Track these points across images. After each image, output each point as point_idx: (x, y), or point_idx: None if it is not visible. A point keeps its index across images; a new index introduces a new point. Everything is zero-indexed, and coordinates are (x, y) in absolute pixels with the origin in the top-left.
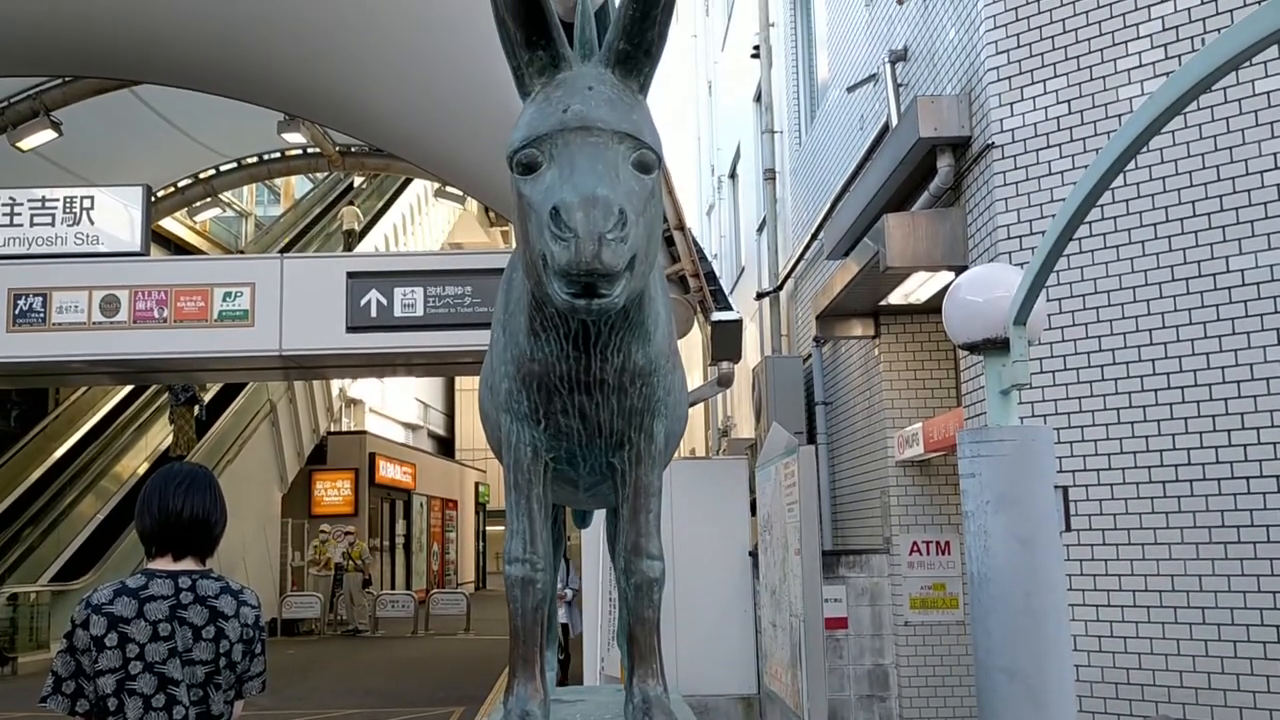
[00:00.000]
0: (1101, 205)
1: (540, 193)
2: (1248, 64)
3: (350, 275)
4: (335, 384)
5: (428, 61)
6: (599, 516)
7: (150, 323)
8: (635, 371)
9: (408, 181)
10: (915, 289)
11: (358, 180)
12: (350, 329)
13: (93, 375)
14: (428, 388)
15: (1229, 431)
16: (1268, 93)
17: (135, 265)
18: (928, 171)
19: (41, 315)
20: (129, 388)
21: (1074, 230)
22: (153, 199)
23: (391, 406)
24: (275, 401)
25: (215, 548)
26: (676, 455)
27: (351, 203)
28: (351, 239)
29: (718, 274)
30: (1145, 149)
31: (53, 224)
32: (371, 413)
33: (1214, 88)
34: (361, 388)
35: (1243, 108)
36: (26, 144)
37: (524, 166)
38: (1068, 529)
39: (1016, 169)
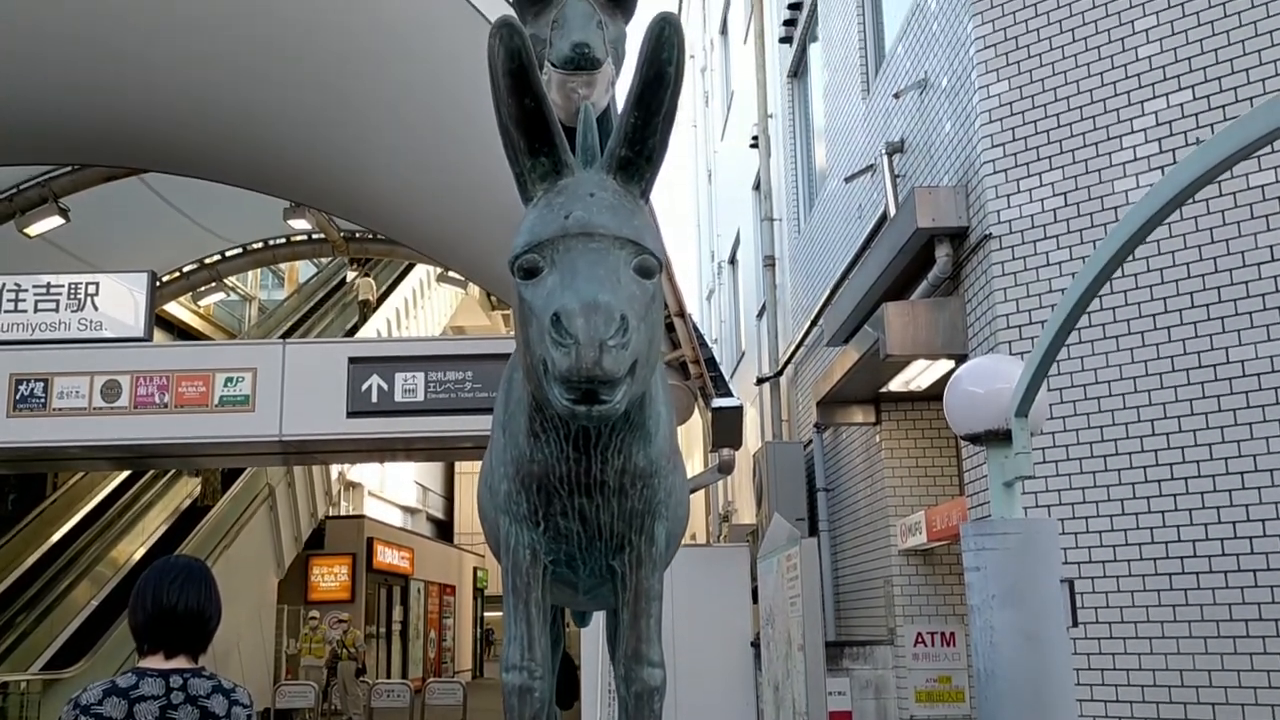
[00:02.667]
0: (1100, 295)
1: (541, 298)
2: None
3: (352, 360)
4: (335, 468)
5: (431, 152)
6: (599, 612)
7: (151, 408)
8: (636, 473)
9: (410, 266)
10: (915, 376)
11: (350, 275)
12: (351, 414)
13: (92, 460)
14: (427, 471)
15: (1234, 524)
16: (1261, 186)
17: (137, 351)
18: (926, 261)
19: (42, 400)
20: (127, 472)
21: (1073, 324)
22: (157, 285)
23: (390, 490)
24: (274, 486)
25: (209, 644)
26: None
27: (367, 274)
28: (366, 309)
29: (718, 359)
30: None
31: (57, 310)
32: (370, 496)
33: None
34: (361, 471)
35: (1237, 201)
36: (34, 230)
37: (525, 271)
38: (1074, 624)
39: (1014, 259)
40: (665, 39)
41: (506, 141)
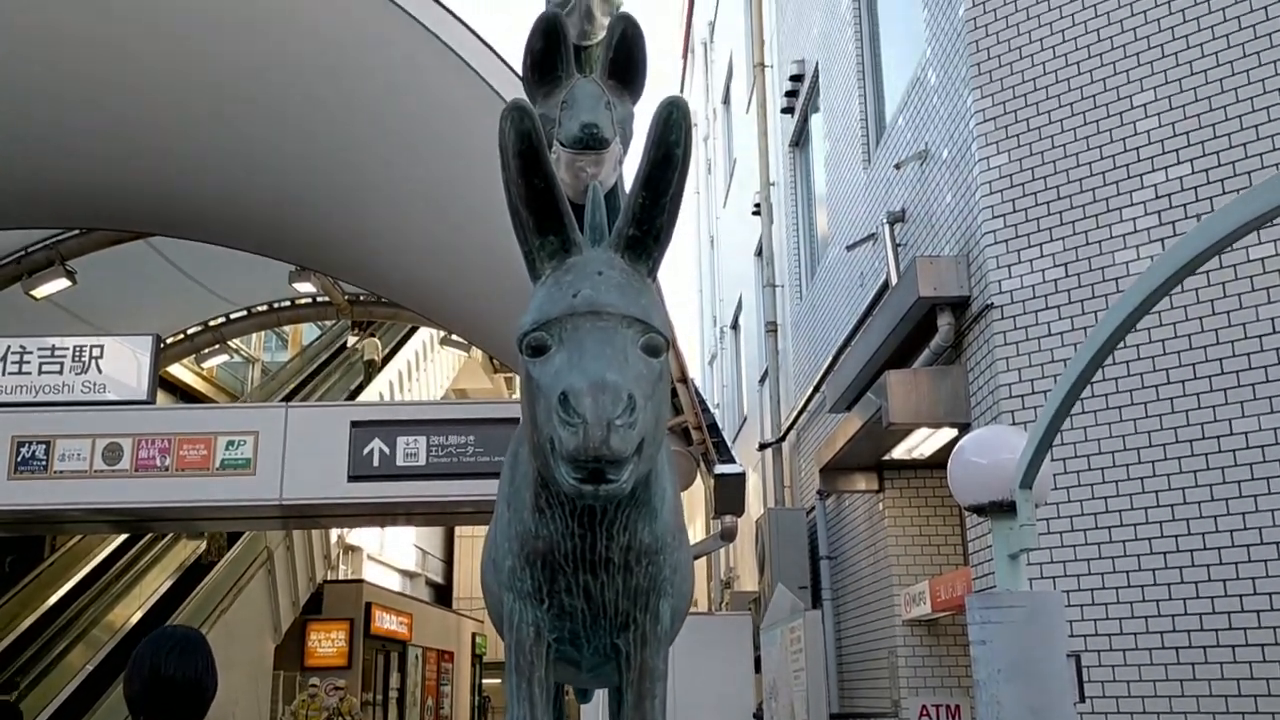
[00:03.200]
0: (1102, 365)
1: (549, 376)
2: None
3: (354, 424)
4: (334, 531)
5: (435, 218)
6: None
7: (152, 471)
8: (641, 550)
9: (414, 329)
10: (919, 444)
11: (351, 340)
12: (352, 478)
13: (91, 524)
14: (426, 534)
15: (1241, 597)
16: (1261, 259)
17: (140, 413)
18: (928, 329)
19: (43, 463)
20: (125, 535)
21: (1076, 397)
22: (162, 347)
23: (389, 553)
24: (273, 549)
25: (205, 714)
26: None
27: (372, 335)
28: (372, 369)
29: (720, 424)
30: None
31: (61, 372)
32: (370, 560)
33: None
34: (360, 534)
35: (1237, 273)
36: (40, 292)
37: (533, 349)
38: (1081, 699)
39: (1016, 329)
40: (673, 122)
41: (516, 220)
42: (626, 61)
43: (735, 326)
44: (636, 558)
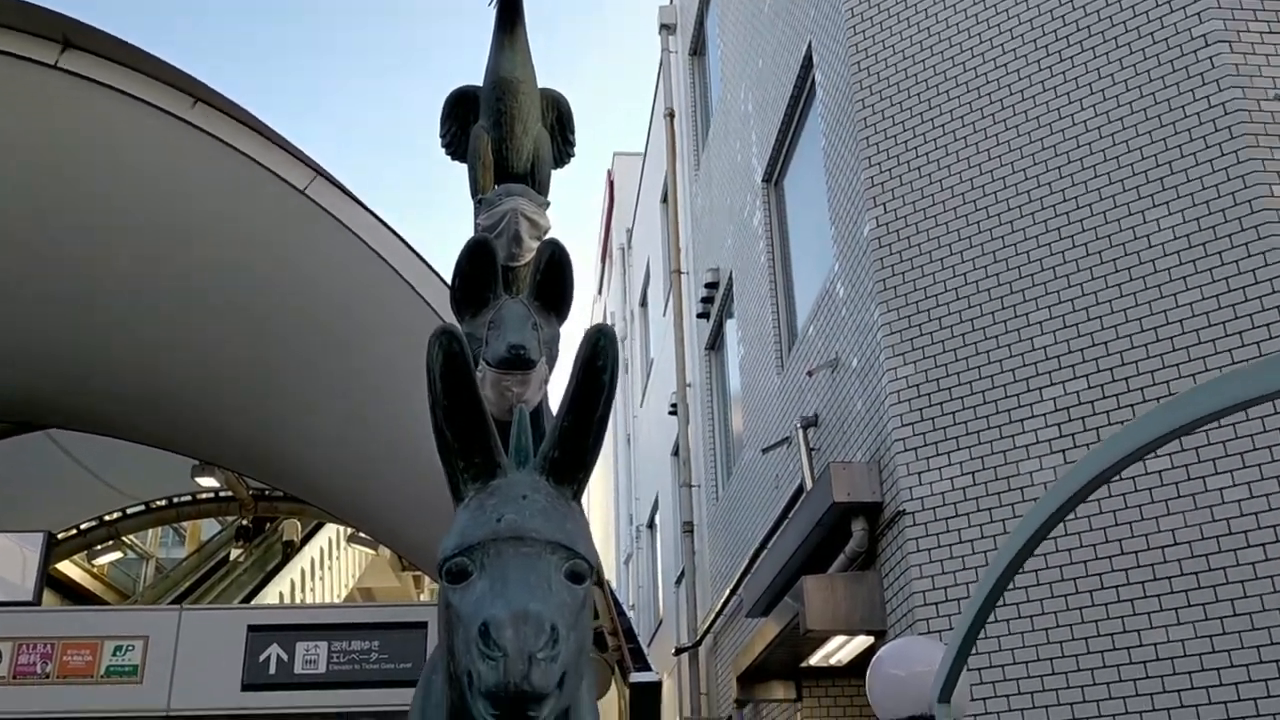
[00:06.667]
0: (1013, 579)
1: (470, 605)
2: None
3: (251, 628)
4: None
5: (344, 416)
6: None
7: (31, 678)
8: None
9: (319, 526)
10: (836, 651)
11: (235, 553)
12: (246, 687)
13: None
14: None
15: None
16: (1160, 471)
17: (23, 616)
18: (843, 534)
19: None
20: None
21: (990, 609)
22: (53, 544)
23: None
24: None
25: None
26: None
27: (291, 515)
28: (291, 550)
29: (636, 626)
30: None
31: None
32: None
33: None
34: None
35: (1136, 485)
36: None
37: (453, 575)
38: None
39: (928, 535)
40: (601, 348)
41: (440, 441)
42: (554, 285)
43: (652, 525)
44: None
